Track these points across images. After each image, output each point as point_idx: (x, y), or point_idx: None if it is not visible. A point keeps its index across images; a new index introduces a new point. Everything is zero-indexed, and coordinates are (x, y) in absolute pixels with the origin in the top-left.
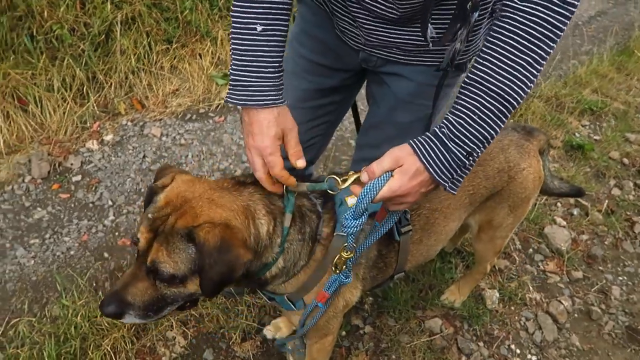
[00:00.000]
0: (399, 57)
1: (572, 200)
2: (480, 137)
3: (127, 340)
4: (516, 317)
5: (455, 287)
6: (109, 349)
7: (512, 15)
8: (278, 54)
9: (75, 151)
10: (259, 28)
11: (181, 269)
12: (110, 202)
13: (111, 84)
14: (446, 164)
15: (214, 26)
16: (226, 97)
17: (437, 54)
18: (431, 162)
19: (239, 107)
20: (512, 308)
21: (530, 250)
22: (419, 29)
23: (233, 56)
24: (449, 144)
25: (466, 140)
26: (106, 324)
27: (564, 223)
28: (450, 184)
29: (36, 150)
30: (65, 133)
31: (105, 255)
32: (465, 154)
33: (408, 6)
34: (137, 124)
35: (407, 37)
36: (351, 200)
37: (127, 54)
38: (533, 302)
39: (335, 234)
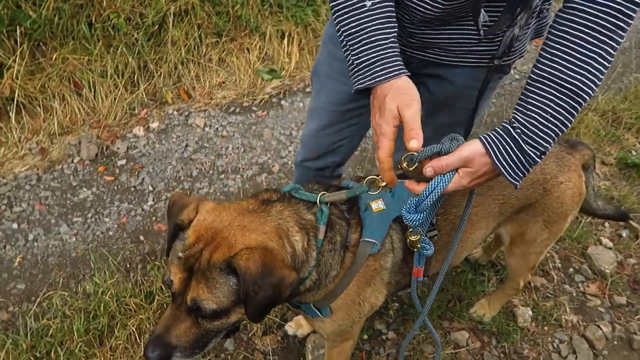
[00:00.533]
0: (441, 58)
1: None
2: (552, 134)
3: (152, 322)
4: (549, 338)
5: (486, 301)
6: (134, 329)
7: (579, 6)
8: (394, 25)
9: (123, 136)
10: (369, 4)
11: (224, 303)
12: (150, 188)
13: (161, 73)
14: (520, 165)
15: (263, 21)
16: (354, 86)
17: (483, 52)
18: (505, 165)
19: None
20: (546, 328)
21: (571, 270)
22: (463, 27)
23: (347, 42)
24: (524, 146)
25: (540, 140)
26: (133, 305)
27: (611, 244)
28: (520, 181)
29: (86, 133)
30: (115, 118)
31: (141, 238)
32: (538, 153)
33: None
34: (182, 113)
35: (450, 36)
36: (375, 205)
37: (177, 45)
38: (569, 324)
39: (362, 239)
